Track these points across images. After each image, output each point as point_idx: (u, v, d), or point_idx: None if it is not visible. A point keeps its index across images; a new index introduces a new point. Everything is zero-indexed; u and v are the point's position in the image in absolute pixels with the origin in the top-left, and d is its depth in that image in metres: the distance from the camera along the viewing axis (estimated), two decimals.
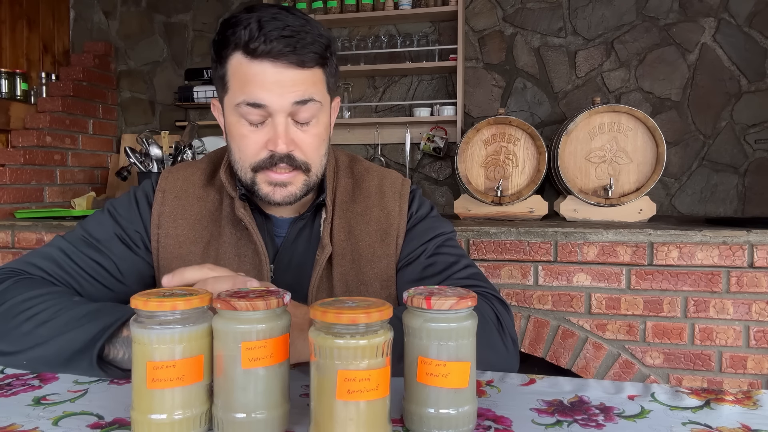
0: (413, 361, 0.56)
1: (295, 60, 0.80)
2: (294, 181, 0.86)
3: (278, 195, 0.86)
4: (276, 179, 0.85)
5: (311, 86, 0.82)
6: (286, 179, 0.85)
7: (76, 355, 0.70)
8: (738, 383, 1.82)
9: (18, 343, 0.74)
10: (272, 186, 0.85)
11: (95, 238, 0.91)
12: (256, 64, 0.80)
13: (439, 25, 2.82)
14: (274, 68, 0.80)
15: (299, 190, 0.87)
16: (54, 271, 0.86)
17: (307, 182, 0.87)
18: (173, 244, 0.92)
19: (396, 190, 0.97)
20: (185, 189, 0.95)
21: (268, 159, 0.83)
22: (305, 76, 0.82)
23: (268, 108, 0.81)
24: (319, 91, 0.84)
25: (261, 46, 0.78)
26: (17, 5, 2.89)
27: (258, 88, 0.80)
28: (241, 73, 0.81)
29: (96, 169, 3.02)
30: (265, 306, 0.53)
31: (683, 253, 1.81)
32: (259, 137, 0.83)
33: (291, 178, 0.85)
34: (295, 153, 0.84)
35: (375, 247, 0.93)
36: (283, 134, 0.82)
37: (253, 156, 0.84)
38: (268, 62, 0.79)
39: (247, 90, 0.81)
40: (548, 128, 2.69)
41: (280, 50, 0.79)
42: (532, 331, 1.93)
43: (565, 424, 0.58)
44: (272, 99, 0.80)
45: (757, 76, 2.50)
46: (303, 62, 0.81)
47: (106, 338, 0.69)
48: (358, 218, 0.94)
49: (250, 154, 0.84)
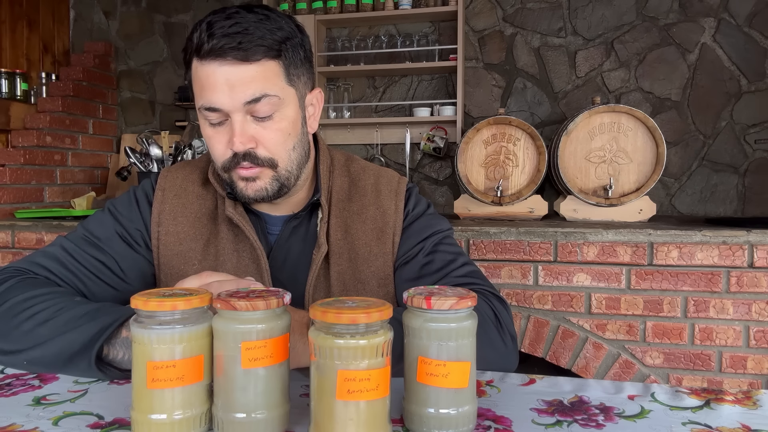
0: (413, 361, 0.56)
1: (240, 55, 0.79)
2: (261, 176, 0.86)
3: (250, 190, 0.86)
4: (244, 174, 0.85)
5: (263, 82, 0.81)
6: (253, 174, 0.85)
7: (75, 356, 0.70)
8: (738, 383, 1.82)
9: (18, 342, 0.74)
10: (244, 181, 0.86)
11: (97, 237, 0.91)
12: (206, 65, 0.81)
13: (439, 25, 2.82)
14: (220, 67, 0.80)
15: (269, 185, 0.87)
16: (58, 270, 0.87)
17: (276, 177, 0.87)
18: (174, 241, 0.93)
19: (392, 188, 0.97)
20: (184, 187, 0.96)
21: (232, 158, 0.84)
22: (254, 71, 0.80)
23: (222, 110, 0.81)
24: (275, 85, 0.82)
25: (206, 45, 0.79)
26: (17, 5, 2.89)
27: (209, 91, 0.81)
28: (197, 77, 0.83)
29: (96, 169, 3.02)
30: (265, 306, 0.53)
31: (683, 253, 1.81)
32: (222, 137, 0.84)
33: (258, 173, 0.85)
34: (257, 150, 0.84)
35: (371, 246, 0.93)
36: (239, 133, 0.82)
37: (221, 156, 0.86)
38: (215, 62, 0.80)
39: (203, 94, 0.82)
40: (548, 128, 2.69)
41: (222, 47, 0.79)
42: (532, 331, 1.93)
43: (565, 424, 0.58)
44: (223, 101, 0.80)
45: (757, 76, 2.50)
46: (247, 56, 0.80)
47: (105, 339, 0.69)
48: (354, 217, 0.94)
49: (218, 155, 0.86)
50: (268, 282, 0.90)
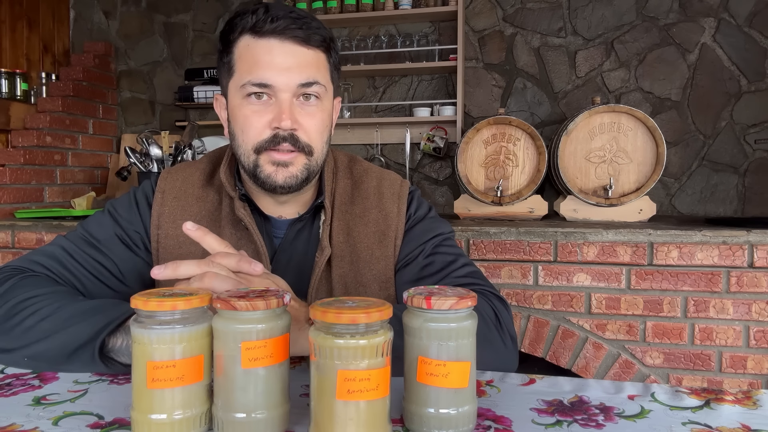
0: (413, 361, 0.56)
1: (302, 35, 0.82)
2: (296, 162, 0.86)
3: (280, 176, 0.86)
4: (278, 158, 0.85)
5: (316, 69, 0.84)
6: (288, 159, 0.85)
7: (78, 350, 0.70)
8: (738, 383, 1.82)
9: (20, 339, 0.74)
10: (275, 166, 0.86)
11: (96, 239, 0.91)
12: (263, 42, 0.82)
13: (439, 25, 2.82)
14: (281, 45, 0.82)
15: (300, 173, 0.87)
16: (57, 269, 0.87)
17: (308, 166, 0.87)
18: (173, 244, 0.92)
19: (394, 191, 0.97)
20: (184, 189, 0.96)
21: (271, 138, 0.84)
22: (310, 56, 0.84)
23: (274, 88, 0.83)
24: (323, 76, 0.86)
25: (267, 24, 0.82)
26: (17, 5, 2.89)
27: (264, 68, 0.82)
28: (248, 53, 0.83)
29: (96, 169, 3.02)
30: (265, 306, 0.53)
31: (683, 253, 1.81)
32: (264, 117, 0.84)
33: (293, 159, 0.86)
34: (299, 133, 0.85)
35: (373, 249, 0.93)
36: (288, 111, 0.83)
37: (256, 136, 0.85)
38: (275, 39, 0.82)
39: (254, 70, 0.83)
40: (548, 128, 2.69)
41: (287, 26, 0.81)
42: (532, 331, 1.93)
43: (565, 424, 0.58)
44: (278, 79, 0.82)
45: (757, 76, 2.50)
46: (309, 39, 0.83)
47: (109, 332, 0.69)
48: (356, 220, 0.95)
49: (253, 134, 0.85)
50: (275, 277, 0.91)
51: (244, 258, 0.71)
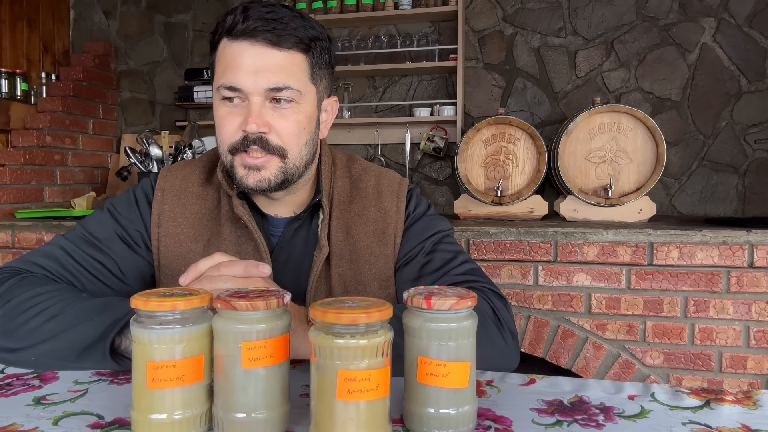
0: (413, 361, 0.56)
1: (272, 39, 0.81)
2: (267, 166, 0.85)
3: (251, 179, 0.85)
4: (249, 162, 0.84)
5: (288, 73, 0.83)
6: (259, 163, 0.84)
7: (88, 348, 0.70)
8: (738, 383, 1.82)
9: (26, 339, 0.73)
10: (246, 169, 0.85)
11: (96, 238, 0.91)
12: (236, 44, 0.82)
13: (439, 25, 2.82)
14: (251, 48, 0.81)
15: (273, 176, 0.86)
16: (56, 269, 0.86)
17: (283, 169, 0.86)
18: (174, 243, 0.92)
19: (393, 189, 0.97)
20: (184, 188, 0.95)
21: (241, 140, 0.84)
22: (282, 58, 0.82)
23: (244, 91, 0.82)
24: (298, 79, 0.84)
25: (239, 26, 0.81)
26: (17, 5, 2.89)
27: (234, 70, 0.82)
28: (223, 56, 0.84)
29: (96, 169, 3.02)
30: (265, 306, 0.53)
31: (683, 253, 1.81)
32: (235, 119, 0.84)
33: (264, 162, 0.85)
34: (269, 136, 0.84)
35: (373, 247, 0.93)
36: (256, 114, 0.82)
37: (229, 137, 0.85)
38: (246, 42, 0.81)
39: (226, 74, 0.83)
40: (548, 128, 2.69)
41: (257, 27, 0.80)
42: (532, 331, 1.93)
43: (565, 424, 0.58)
44: (246, 83, 0.81)
45: (757, 76, 2.50)
46: (279, 41, 0.81)
47: (119, 330, 0.69)
48: (355, 218, 0.94)
49: (227, 135, 0.85)
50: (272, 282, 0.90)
51: (251, 263, 0.71)
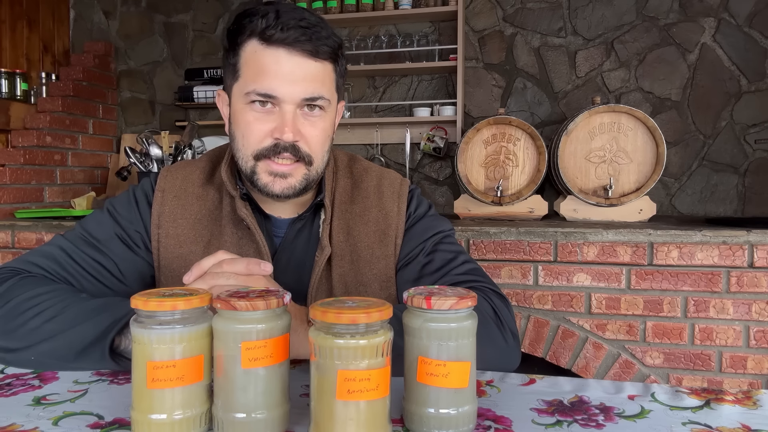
0: (413, 361, 0.56)
1: (310, 48, 0.81)
2: (294, 173, 0.86)
3: (278, 186, 0.86)
4: (277, 170, 0.85)
5: (321, 83, 0.84)
6: (287, 170, 0.85)
7: (88, 348, 0.70)
8: (738, 383, 1.82)
9: (25, 339, 0.73)
10: (272, 176, 0.85)
11: (95, 238, 0.90)
12: (271, 51, 0.81)
13: (439, 25, 2.82)
14: (288, 56, 0.81)
15: (299, 183, 0.87)
16: (55, 270, 0.86)
17: (307, 176, 0.87)
18: (174, 244, 0.92)
19: (394, 190, 0.97)
20: (184, 188, 0.95)
21: (272, 147, 0.84)
22: (317, 69, 0.83)
23: (278, 99, 0.82)
24: (329, 89, 0.86)
25: (277, 33, 0.80)
26: (17, 5, 2.89)
27: (270, 78, 0.81)
28: (255, 60, 0.82)
29: (96, 169, 3.02)
30: (265, 306, 0.53)
31: (683, 253, 1.81)
32: (266, 125, 0.84)
33: (292, 170, 0.85)
34: (300, 144, 0.84)
35: (374, 248, 0.93)
36: (291, 123, 0.82)
37: (257, 143, 0.84)
38: (284, 49, 0.81)
39: (259, 79, 0.82)
40: (548, 128, 2.69)
41: (296, 38, 0.80)
42: (532, 331, 1.93)
43: (565, 424, 0.58)
44: (283, 90, 0.81)
45: (757, 76, 2.50)
46: (317, 52, 0.82)
47: (117, 331, 0.69)
48: (356, 219, 0.94)
49: (254, 141, 0.84)
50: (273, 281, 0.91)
51: (252, 260, 0.71)
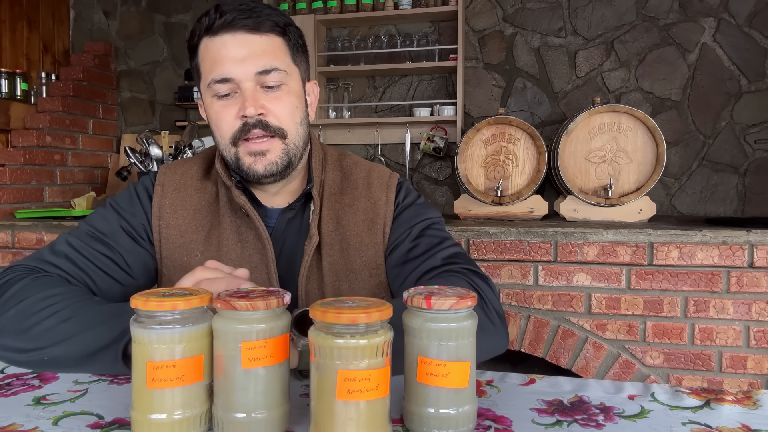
0: (413, 361, 0.56)
1: (251, 24, 0.85)
2: (272, 149, 0.88)
3: (260, 165, 0.87)
4: (254, 148, 0.87)
5: (272, 55, 0.86)
6: (264, 147, 0.87)
7: (101, 351, 0.70)
8: (738, 383, 1.81)
9: (39, 340, 0.74)
10: (253, 156, 0.87)
11: (102, 233, 0.92)
12: (217, 39, 0.85)
13: (439, 25, 2.82)
14: (232, 38, 0.85)
15: (279, 158, 0.88)
16: (69, 267, 0.87)
17: (286, 150, 0.89)
18: (175, 234, 0.94)
19: (383, 181, 0.99)
20: (183, 182, 0.98)
21: (241, 127, 0.86)
22: (264, 42, 0.86)
23: (234, 80, 0.85)
24: (282, 60, 0.88)
25: (218, 21, 0.84)
26: (17, 5, 2.89)
27: (220, 63, 0.84)
28: (207, 54, 0.86)
29: (96, 169, 3.02)
30: (265, 306, 0.53)
31: (683, 253, 1.81)
32: (232, 109, 0.86)
33: (268, 146, 0.87)
34: (268, 118, 0.86)
35: (363, 236, 0.95)
36: (251, 98, 0.85)
37: (229, 128, 0.87)
38: (227, 34, 0.85)
39: (214, 68, 0.85)
40: (548, 128, 2.69)
41: (235, 17, 0.84)
42: (532, 331, 1.93)
43: (565, 424, 0.58)
44: (235, 70, 0.84)
45: (757, 76, 2.50)
46: (258, 26, 0.85)
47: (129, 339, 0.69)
48: (346, 209, 0.96)
49: (226, 128, 0.87)
50: (274, 271, 0.91)
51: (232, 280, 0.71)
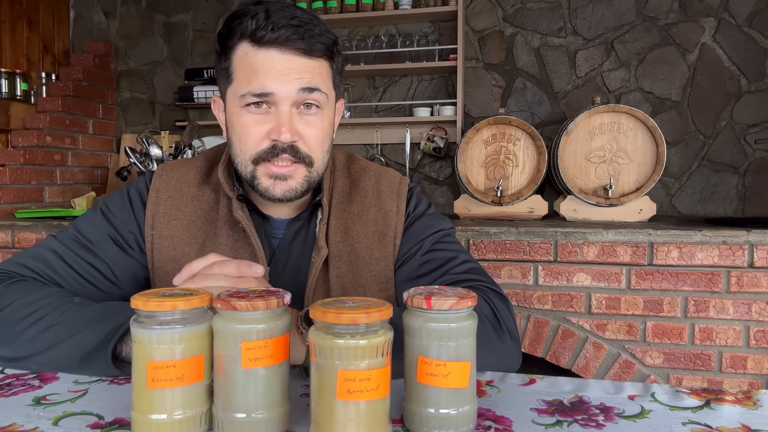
0: (413, 361, 0.56)
1: (303, 46, 0.79)
2: (295, 175, 0.84)
3: (278, 189, 0.83)
4: (276, 172, 0.83)
5: (318, 76, 0.82)
6: (287, 172, 0.83)
7: (89, 356, 0.69)
8: (738, 383, 1.82)
9: (24, 348, 0.72)
10: (272, 179, 0.83)
11: (88, 240, 0.88)
12: (263, 52, 0.79)
13: (439, 25, 2.82)
14: (281, 55, 0.79)
15: (300, 185, 0.84)
16: (45, 272, 0.84)
17: (308, 178, 0.85)
18: (167, 245, 0.90)
19: (393, 189, 0.96)
20: (179, 188, 0.93)
21: (270, 149, 0.81)
22: (312, 65, 0.81)
23: (274, 96, 0.80)
24: (325, 83, 0.83)
25: (268, 34, 0.78)
26: (17, 5, 2.89)
27: (263, 76, 0.79)
28: (247, 62, 0.80)
29: (96, 169, 3.02)
30: (265, 306, 0.53)
31: (683, 253, 1.81)
32: (262, 127, 0.81)
33: (292, 172, 0.83)
34: (299, 144, 0.82)
35: (373, 249, 0.91)
36: (287, 122, 0.80)
37: (254, 146, 0.82)
38: (276, 49, 0.79)
39: (253, 80, 0.79)
40: (548, 128, 2.69)
41: (288, 37, 0.78)
42: (532, 331, 1.93)
43: (565, 424, 0.58)
44: (278, 86, 0.79)
45: (757, 76, 2.50)
46: (311, 50, 0.80)
47: (118, 338, 0.68)
48: (354, 219, 0.93)
49: (251, 144, 0.82)
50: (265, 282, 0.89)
51: (244, 262, 0.70)
